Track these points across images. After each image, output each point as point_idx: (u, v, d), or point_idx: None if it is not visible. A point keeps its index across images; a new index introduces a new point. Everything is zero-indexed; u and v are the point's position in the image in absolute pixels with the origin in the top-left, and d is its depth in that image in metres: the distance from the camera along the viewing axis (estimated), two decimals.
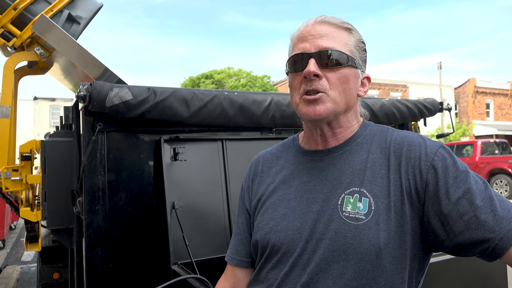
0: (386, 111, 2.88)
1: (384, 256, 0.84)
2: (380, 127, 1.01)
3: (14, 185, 2.66)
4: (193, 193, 2.31)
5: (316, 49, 0.92)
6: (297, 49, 0.95)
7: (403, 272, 0.87)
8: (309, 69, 0.90)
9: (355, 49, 0.95)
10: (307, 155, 1.02)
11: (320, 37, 0.92)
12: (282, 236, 0.95)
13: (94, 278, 2.08)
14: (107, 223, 2.13)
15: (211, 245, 2.26)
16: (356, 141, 0.97)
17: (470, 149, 14.02)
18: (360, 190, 0.89)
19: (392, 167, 0.90)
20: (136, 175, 2.24)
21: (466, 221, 0.82)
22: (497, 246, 0.80)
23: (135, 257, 2.18)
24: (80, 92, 1.99)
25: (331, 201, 0.91)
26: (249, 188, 1.12)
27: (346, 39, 0.94)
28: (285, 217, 0.96)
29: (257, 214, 1.04)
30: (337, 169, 0.95)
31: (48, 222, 2.36)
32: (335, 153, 0.97)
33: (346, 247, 0.86)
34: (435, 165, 0.86)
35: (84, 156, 2.10)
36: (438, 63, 28.16)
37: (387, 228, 0.85)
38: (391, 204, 0.86)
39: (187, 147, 2.34)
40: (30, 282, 5.41)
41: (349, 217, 0.88)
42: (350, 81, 0.94)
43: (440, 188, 0.84)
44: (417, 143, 0.91)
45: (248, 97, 2.43)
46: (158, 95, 2.16)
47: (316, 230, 0.90)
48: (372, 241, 0.84)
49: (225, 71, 28.64)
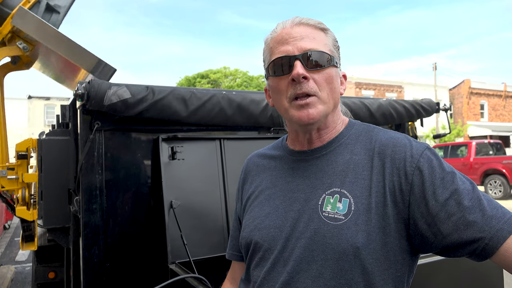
0: (384, 111, 2.89)
1: (364, 257, 0.84)
2: (366, 126, 1.01)
3: (10, 183, 2.64)
4: (191, 192, 2.31)
5: (299, 51, 0.91)
6: (278, 52, 0.94)
7: (386, 274, 0.86)
8: (298, 72, 0.89)
9: (333, 48, 0.96)
10: (292, 155, 1.03)
11: (302, 39, 0.92)
12: (264, 234, 0.96)
13: (91, 277, 2.07)
14: (105, 222, 2.12)
15: (209, 244, 2.26)
16: (340, 141, 0.97)
17: (465, 149, 14.10)
18: (340, 191, 0.90)
19: (375, 169, 0.89)
20: (134, 174, 2.23)
21: (455, 221, 0.81)
22: (487, 246, 0.80)
23: (132, 256, 2.17)
24: (78, 90, 1.98)
25: (312, 200, 0.92)
26: (241, 189, 1.15)
27: (325, 39, 0.95)
28: (268, 215, 0.98)
29: (245, 213, 1.07)
30: (320, 170, 0.95)
31: (44, 221, 2.35)
32: (318, 153, 0.98)
33: (325, 246, 0.86)
34: (421, 166, 0.86)
35: (82, 154, 2.09)
36: (433, 64, 28.33)
37: (367, 229, 0.85)
38: (372, 205, 0.86)
39: (185, 146, 2.34)
40: (25, 282, 5.38)
41: (328, 217, 0.88)
42: (334, 81, 0.94)
43: (426, 189, 0.84)
44: (402, 144, 0.90)
45: (246, 96, 2.43)
46: (156, 93, 2.15)
47: (296, 229, 0.91)
48: (350, 241, 0.84)
49: (221, 71, 28.65)
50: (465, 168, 13.52)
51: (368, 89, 28.94)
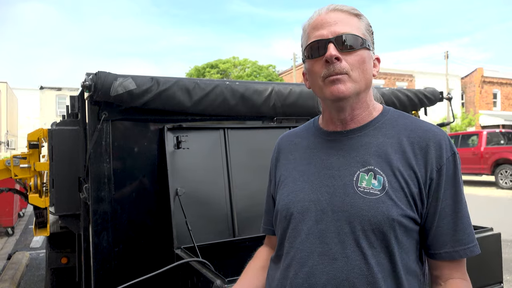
0: (386, 101, 2.91)
1: (397, 228, 0.92)
2: (401, 114, 1.07)
3: (23, 172, 2.74)
4: (195, 180, 2.37)
5: (333, 35, 0.97)
6: (314, 36, 1.00)
7: (411, 243, 0.96)
8: (331, 53, 0.95)
9: (366, 32, 1.02)
10: (326, 136, 1.08)
11: (335, 24, 0.98)
12: (299, 207, 1.02)
13: (100, 262, 2.15)
14: (113, 209, 2.20)
15: (213, 230, 2.33)
16: (375, 125, 1.03)
17: (476, 139, 13.93)
18: (374, 169, 0.97)
19: (408, 154, 0.97)
20: (140, 162, 2.30)
21: (443, 224, 0.97)
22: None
23: (140, 242, 2.25)
24: (86, 81, 2.05)
25: (347, 177, 0.98)
26: (274, 167, 1.20)
27: (358, 24, 1.01)
28: (303, 189, 1.04)
29: (279, 188, 1.12)
30: (354, 149, 1.01)
31: (56, 208, 2.44)
32: (353, 134, 1.04)
33: (361, 218, 0.93)
34: (445, 168, 0.96)
35: (90, 144, 2.16)
36: (445, 53, 27.88)
37: (399, 205, 0.93)
38: (403, 185, 0.94)
39: (190, 135, 2.40)
40: (39, 268, 5.55)
41: (364, 192, 0.95)
42: (367, 62, 1.00)
43: (440, 189, 0.96)
44: (437, 140, 0.98)
45: (249, 86, 2.48)
46: (161, 84, 2.21)
47: (332, 202, 0.97)
48: (386, 214, 0.92)
49: (230, 60, 28.55)
50: (475, 157, 13.38)
51: (379, 78, 28.63)
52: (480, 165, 13.27)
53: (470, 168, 13.64)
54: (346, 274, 0.92)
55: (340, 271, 0.93)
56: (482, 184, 14.18)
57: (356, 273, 0.92)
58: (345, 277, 0.92)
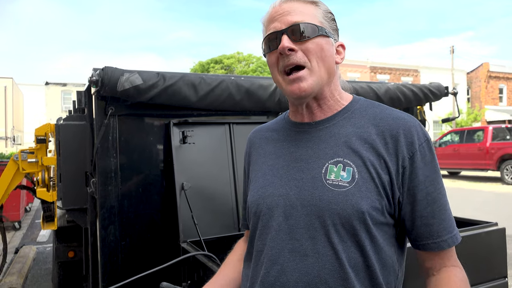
0: (391, 95, 2.91)
1: (368, 221, 0.89)
2: (371, 102, 1.04)
3: (31, 166, 2.77)
4: (201, 175, 2.39)
5: (286, 25, 0.95)
6: (269, 29, 0.99)
7: (385, 236, 0.93)
8: (283, 45, 0.93)
9: (323, 19, 0.99)
10: (294, 127, 1.06)
11: (288, 14, 0.96)
12: (268, 202, 0.99)
13: (107, 255, 2.18)
14: (120, 202, 2.22)
15: (218, 225, 2.35)
16: (344, 115, 1.01)
17: (481, 134, 13.87)
18: (343, 160, 0.93)
19: (378, 143, 0.94)
20: (147, 157, 2.32)
21: (428, 212, 0.94)
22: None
23: (146, 235, 2.27)
24: (93, 77, 2.06)
25: (315, 169, 0.95)
26: (246, 163, 1.19)
27: (314, 11, 0.98)
28: (272, 184, 1.01)
29: (250, 183, 1.10)
30: (322, 141, 0.99)
31: (63, 202, 2.47)
32: (321, 126, 1.01)
33: (331, 212, 0.90)
34: (418, 155, 0.93)
35: (97, 139, 2.18)
36: (450, 47, 27.68)
37: (370, 196, 0.90)
38: (373, 175, 0.91)
39: (195, 130, 2.42)
40: (46, 261, 5.61)
41: (332, 184, 0.92)
42: (325, 49, 0.97)
43: (416, 176, 0.93)
44: (407, 127, 0.94)
45: (255, 82, 2.48)
46: (167, 80, 2.22)
47: (301, 196, 0.95)
48: (355, 207, 0.88)
49: (234, 56, 28.50)
50: (481, 153, 13.32)
51: (384, 73, 28.52)
52: (486, 161, 13.20)
53: (475, 164, 13.58)
54: (317, 271, 0.90)
55: (311, 268, 0.90)
56: (488, 179, 14.12)
57: (328, 269, 0.89)
58: (316, 274, 0.89)
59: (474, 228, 2.09)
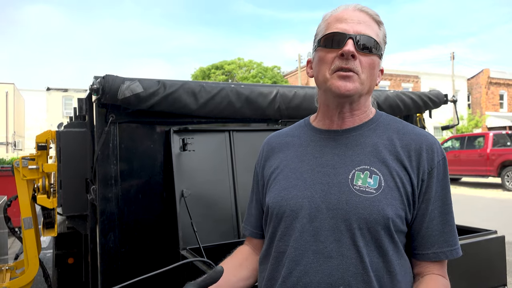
0: (391, 103, 2.92)
1: (391, 227, 0.93)
2: (393, 117, 1.10)
3: (31, 173, 2.78)
4: (201, 182, 2.39)
5: (354, 32, 0.99)
6: (335, 28, 1.01)
7: (405, 248, 0.99)
8: (349, 49, 0.96)
9: (382, 41, 1.04)
10: (320, 134, 1.09)
11: (359, 23, 1.00)
12: (292, 204, 1.01)
13: (107, 262, 2.18)
14: (120, 209, 2.22)
15: (218, 232, 2.35)
16: (370, 126, 1.05)
17: (482, 140, 13.87)
18: (370, 168, 0.98)
19: (402, 156, 0.99)
20: (147, 164, 2.33)
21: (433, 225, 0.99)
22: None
23: (146, 242, 2.28)
24: (94, 85, 2.08)
25: (342, 175, 0.99)
26: (261, 168, 1.19)
27: (378, 31, 1.03)
28: (295, 186, 1.02)
29: (270, 186, 1.11)
30: (349, 148, 1.02)
31: (64, 209, 2.48)
32: (348, 134, 1.05)
33: (357, 216, 0.93)
34: (436, 172, 0.99)
35: (98, 146, 2.19)
36: (451, 54, 27.76)
37: (394, 204, 0.94)
38: (398, 185, 0.96)
39: (195, 137, 2.43)
40: (46, 267, 5.59)
41: (359, 190, 0.96)
42: (375, 68, 1.02)
43: (430, 190, 0.98)
44: (430, 144, 1.01)
45: (254, 89, 2.50)
46: (167, 88, 2.23)
47: (327, 199, 0.97)
48: (381, 213, 0.92)
49: (235, 61, 28.61)
50: (481, 159, 13.31)
51: (384, 80, 28.57)
52: (486, 167, 13.20)
53: (476, 170, 13.57)
54: (341, 273, 0.92)
55: (335, 270, 0.92)
56: (488, 186, 14.09)
57: (352, 272, 0.91)
58: (340, 276, 0.92)
59: (474, 236, 2.10)
